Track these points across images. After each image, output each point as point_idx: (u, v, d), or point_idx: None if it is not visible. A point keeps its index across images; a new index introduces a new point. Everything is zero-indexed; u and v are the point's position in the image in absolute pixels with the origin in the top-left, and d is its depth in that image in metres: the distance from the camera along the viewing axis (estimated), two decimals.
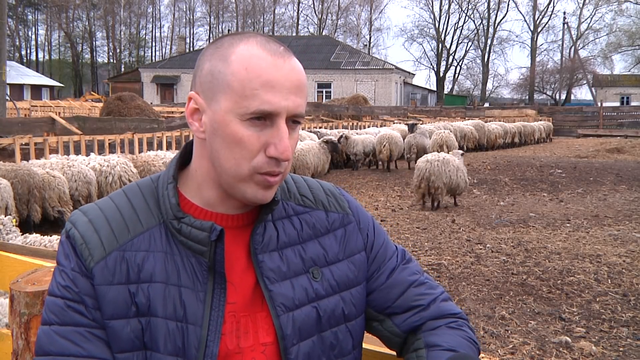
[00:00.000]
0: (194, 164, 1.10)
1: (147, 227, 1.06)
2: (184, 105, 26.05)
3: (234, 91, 1.00)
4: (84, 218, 1.07)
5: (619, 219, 8.85)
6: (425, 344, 1.11)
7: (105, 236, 1.04)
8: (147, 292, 1.02)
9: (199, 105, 1.04)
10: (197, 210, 1.08)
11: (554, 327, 4.63)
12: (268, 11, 68.01)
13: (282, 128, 1.01)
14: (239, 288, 1.06)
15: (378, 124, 22.56)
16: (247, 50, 1.01)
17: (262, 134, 1.01)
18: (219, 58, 1.02)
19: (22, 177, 7.48)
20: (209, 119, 1.03)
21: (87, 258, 1.03)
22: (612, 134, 29.04)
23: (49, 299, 1.04)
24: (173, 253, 1.04)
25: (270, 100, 0.99)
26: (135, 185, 1.13)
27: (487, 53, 61.65)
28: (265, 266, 1.06)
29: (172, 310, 1.01)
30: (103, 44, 69.15)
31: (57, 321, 1.02)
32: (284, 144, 1.01)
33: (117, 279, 1.02)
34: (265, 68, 1.00)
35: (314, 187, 1.20)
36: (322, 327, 1.08)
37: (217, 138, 1.02)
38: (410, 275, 1.20)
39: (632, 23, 58.30)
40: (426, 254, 6.77)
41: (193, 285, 1.03)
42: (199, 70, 1.05)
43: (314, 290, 1.09)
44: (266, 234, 1.09)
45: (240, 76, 0.99)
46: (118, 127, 14.27)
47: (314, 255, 1.11)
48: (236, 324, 1.04)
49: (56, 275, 1.05)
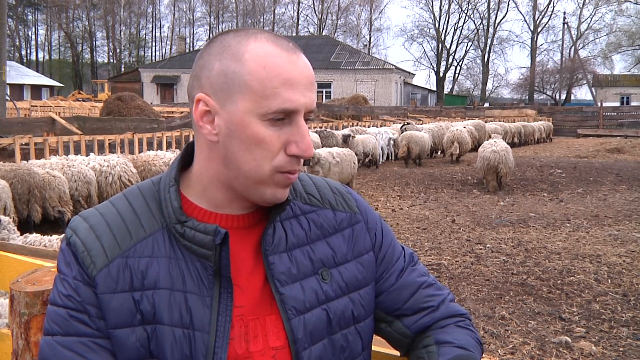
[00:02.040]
0: (199, 166, 1.06)
1: (150, 231, 1.03)
2: (184, 105, 25.90)
3: (253, 91, 0.97)
4: (85, 224, 1.04)
5: (619, 219, 8.85)
6: (436, 340, 1.10)
7: (107, 243, 1.01)
8: (152, 299, 0.99)
9: (210, 107, 1.00)
10: (200, 212, 1.05)
11: (554, 327, 4.63)
12: (268, 11, 68.03)
13: (302, 126, 1.00)
14: (246, 291, 1.03)
15: (378, 124, 22.56)
16: (261, 47, 0.98)
17: (281, 132, 0.99)
18: (231, 57, 0.98)
19: (22, 177, 7.48)
20: (224, 121, 0.99)
21: (89, 266, 1.00)
22: (612, 134, 29.02)
23: (51, 309, 1.02)
24: (177, 258, 1.01)
25: (291, 98, 0.97)
26: (136, 189, 1.10)
27: (487, 53, 61.67)
28: (275, 268, 1.04)
29: (178, 317, 0.99)
30: (103, 44, 69.27)
31: (60, 331, 0.99)
32: (306, 141, 0.99)
33: (120, 286, 0.99)
34: (283, 65, 0.97)
35: (320, 186, 1.18)
36: (333, 330, 1.06)
37: (234, 140, 0.99)
38: (419, 276, 1.19)
39: (632, 23, 58.34)
40: (426, 254, 6.77)
41: (199, 291, 1.00)
42: (207, 71, 1.01)
43: (324, 292, 1.06)
44: (276, 234, 1.06)
45: (259, 75, 0.96)
46: (118, 127, 14.25)
47: (323, 256, 1.09)
48: (244, 328, 1.01)
49: (57, 284, 1.02)
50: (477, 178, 12.87)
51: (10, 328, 1.40)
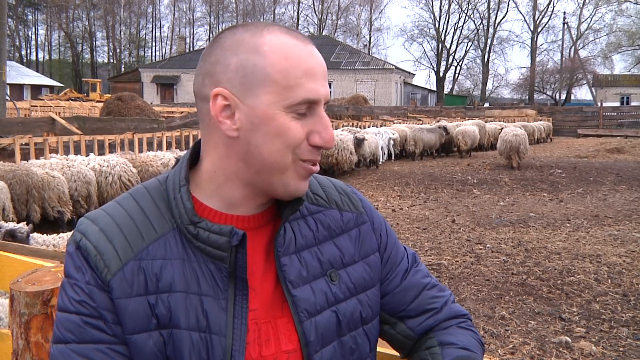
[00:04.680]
0: (213, 164, 1.02)
1: (161, 233, 0.99)
2: (184, 106, 25.97)
3: (276, 83, 0.95)
4: (94, 227, 0.99)
5: (619, 219, 8.84)
6: (439, 342, 1.10)
7: (119, 245, 0.97)
8: (168, 302, 0.96)
9: (230, 101, 0.97)
10: (211, 213, 1.02)
11: (554, 327, 4.63)
12: (268, 11, 68.02)
13: (324, 116, 0.99)
14: (259, 293, 1.01)
15: (378, 124, 22.56)
16: (277, 39, 0.97)
17: (304, 123, 0.98)
18: (248, 50, 0.96)
19: (21, 178, 7.47)
20: (245, 115, 0.97)
21: (102, 270, 0.96)
22: (612, 134, 29.00)
23: (62, 316, 0.97)
24: (190, 260, 0.98)
25: (313, 88, 0.97)
26: (142, 188, 1.06)
27: (487, 53, 61.68)
28: (288, 270, 1.02)
29: (194, 320, 0.96)
30: (103, 44, 69.28)
31: (74, 339, 0.95)
32: (329, 132, 0.99)
33: (135, 290, 0.96)
34: (303, 56, 0.97)
35: (326, 185, 1.16)
36: (342, 332, 1.05)
37: (257, 133, 0.97)
38: (423, 278, 1.18)
39: (632, 23, 58.32)
40: (426, 254, 6.77)
41: (214, 293, 0.97)
42: (222, 66, 0.98)
43: (333, 294, 1.05)
44: (286, 235, 1.04)
45: (282, 66, 0.95)
46: (118, 127, 14.25)
47: (331, 257, 1.07)
48: (258, 332, 1.00)
49: (67, 290, 0.98)
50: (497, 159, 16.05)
51: (10, 328, 1.40)
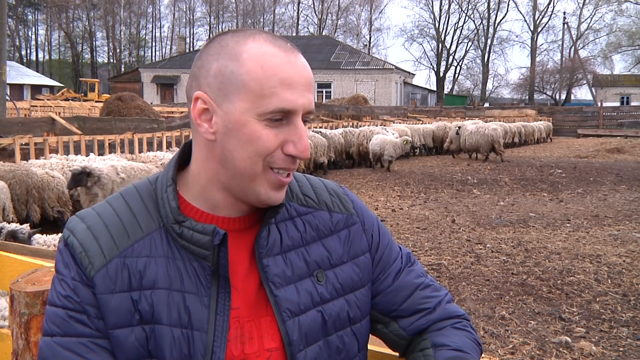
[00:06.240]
0: (197, 166, 1.06)
1: (147, 231, 1.03)
2: (183, 106, 26.01)
3: (250, 90, 0.97)
4: (82, 225, 1.04)
5: (619, 219, 8.84)
6: (432, 343, 1.11)
7: (104, 243, 1.01)
8: (150, 299, 1.00)
9: (208, 105, 1.00)
10: (197, 213, 1.05)
11: (554, 327, 4.63)
12: (268, 11, 68.05)
13: (300, 126, 1.00)
14: (242, 292, 1.04)
15: (378, 123, 22.56)
16: (258, 47, 0.98)
17: (279, 132, 0.99)
18: (228, 57, 0.99)
19: (20, 178, 7.47)
20: (221, 120, 0.99)
21: (87, 266, 1.00)
22: (612, 134, 29.04)
23: (50, 309, 1.02)
24: (175, 258, 1.02)
25: (289, 98, 0.97)
26: (132, 188, 1.09)
27: (487, 53, 61.68)
28: (270, 271, 1.04)
29: (176, 316, 0.99)
30: (103, 44, 69.25)
31: (59, 332, 0.99)
32: (304, 142, 1.00)
33: (119, 286, 1.00)
34: (281, 65, 0.98)
35: (317, 187, 1.17)
36: (328, 332, 1.07)
37: (231, 139, 0.99)
38: (416, 277, 1.18)
39: (632, 23, 58.35)
40: (426, 254, 6.77)
41: (197, 290, 1.00)
42: (204, 70, 1.01)
43: (319, 294, 1.07)
44: (270, 237, 1.06)
45: (257, 75, 0.97)
46: (118, 127, 14.24)
47: (318, 258, 1.09)
48: (240, 330, 1.02)
49: (56, 285, 1.03)
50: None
51: (10, 328, 1.40)
